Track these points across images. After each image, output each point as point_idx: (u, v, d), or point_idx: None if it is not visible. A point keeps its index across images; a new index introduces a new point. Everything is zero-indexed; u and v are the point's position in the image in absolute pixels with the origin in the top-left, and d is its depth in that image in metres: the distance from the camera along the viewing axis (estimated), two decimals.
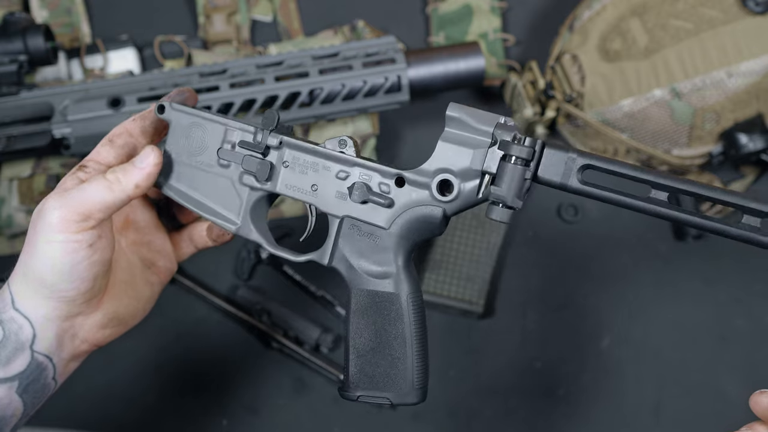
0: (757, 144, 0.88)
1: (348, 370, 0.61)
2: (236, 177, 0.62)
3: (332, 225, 0.61)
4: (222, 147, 0.62)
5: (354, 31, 0.98)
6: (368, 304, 0.60)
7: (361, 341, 0.60)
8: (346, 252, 0.61)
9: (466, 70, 0.90)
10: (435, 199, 0.58)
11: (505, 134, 0.55)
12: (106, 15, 1.00)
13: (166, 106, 0.63)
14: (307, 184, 0.61)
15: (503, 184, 0.54)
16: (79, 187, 0.58)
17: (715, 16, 0.88)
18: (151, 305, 0.68)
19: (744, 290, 0.94)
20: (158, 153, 0.60)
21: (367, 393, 0.60)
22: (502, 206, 0.54)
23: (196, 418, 0.90)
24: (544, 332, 0.92)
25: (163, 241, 0.69)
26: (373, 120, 0.92)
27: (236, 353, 0.92)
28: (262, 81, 0.85)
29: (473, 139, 0.56)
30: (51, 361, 0.60)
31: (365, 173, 0.60)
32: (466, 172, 0.56)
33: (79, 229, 0.57)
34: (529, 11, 1.03)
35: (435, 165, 0.58)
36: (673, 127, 0.90)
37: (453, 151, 0.57)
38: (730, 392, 0.91)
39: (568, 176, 0.54)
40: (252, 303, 0.92)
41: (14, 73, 0.85)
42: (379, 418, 0.90)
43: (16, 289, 0.59)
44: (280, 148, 0.61)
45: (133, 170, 0.59)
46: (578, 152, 0.54)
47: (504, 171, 0.54)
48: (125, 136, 0.63)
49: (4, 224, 0.90)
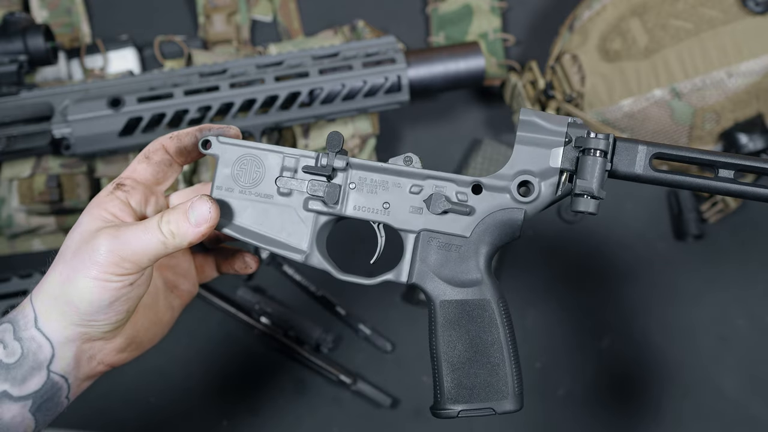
0: (757, 144, 0.88)
1: (442, 387, 0.60)
2: (300, 204, 0.61)
3: (407, 241, 0.60)
4: (281, 175, 0.60)
5: (354, 31, 0.98)
6: (459, 315, 0.60)
7: (455, 354, 0.60)
8: (426, 266, 0.60)
9: (466, 70, 0.90)
10: (516, 201, 0.59)
11: (578, 132, 0.58)
12: (106, 15, 1.00)
13: (213, 140, 0.60)
14: (378, 204, 0.60)
15: (587, 176, 0.56)
16: (133, 233, 0.56)
17: (715, 16, 0.88)
18: (169, 328, 0.67)
19: (744, 290, 0.94)
20: (216, 212, 0.58)
21: (468, 407, 0.59)
22: (588, 197, 0.56)
23: (196, 418, 0.90)
24: (544, 332, 0.92)
25: (189, 264, 0.68)
26: (373, 120, 0.92)
27: (236, 353, 0.92)
28: (262, 81, 0.85)
29: (548, 139, 0.58)
30: (66, 381, 0.59)
31: (440, 184, 0.60)
32: (545, 172, 0.58)
33: (125, 273, 0.56)
34: (529, 11, 1.03)
35: (513, 168, 0.59)
36: (673, 127, 0.90)
37: (530, 153, 0.58)
38: (730, 392, 0.91)
39: (642, 166, 0.57)
40: (252, 303, 0.92)
41: (14, 73, 0.85)
42: (379, 419, 0.90)
43: (41, 307, 0.57)
44: (346, 169, 0.60)
45: (187, 228, 0.57)
46: (647, 143, 0.57)
47: (585, 164, 0.56)
48: (161, 152, 0.61)
49: (4, 224, 0.90)
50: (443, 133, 1.00)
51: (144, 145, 0.84)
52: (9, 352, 0.57)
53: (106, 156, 0.88)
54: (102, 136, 0.83)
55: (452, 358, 0.60)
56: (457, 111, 1.01)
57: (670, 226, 0.96)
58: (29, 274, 0.88)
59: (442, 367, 0.60)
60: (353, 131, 0.91)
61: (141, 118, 0.83)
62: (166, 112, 0.83)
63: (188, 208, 0.58)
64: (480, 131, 0.99)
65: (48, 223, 0.91)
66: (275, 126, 0.86)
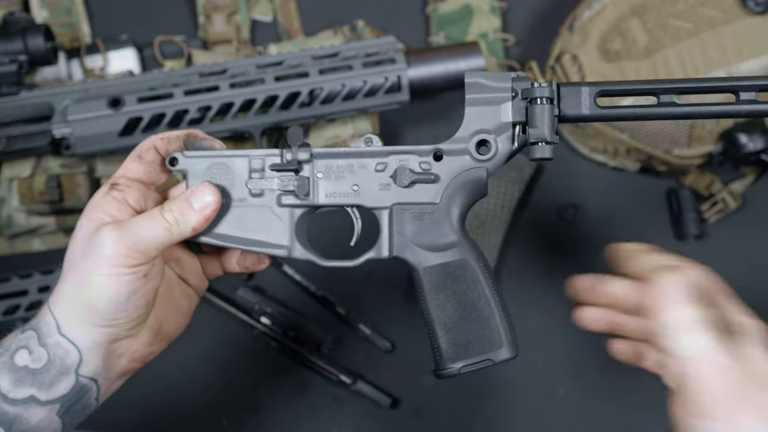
0: (757, 144, 0.88)
1: (440, 349, 0.62)
2: (273, 202, 0.62)
3: (382, 218, 0.62)
4: (250, 178, 0.62)
5: (354, 31, 0.98)
6: (442, 278, 0.62)
7: (446, 315, 0.62)
8: (404, 238, 0.62)
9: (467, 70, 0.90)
10: (476, 161, 0.62)
11: (523, 84, 0.60)
12: (106, 15, 1.00)
13: (179, 157, 0.62)
14: (347, 188, 0.62)
15: (538, 123, 0.58)
16: (136, 223, 0.57)
17: (715, 16, 0.88)
18: (189, 318, 0.67)
19: (744, 290, 0.94)
20: (217, 195, 0.60)
21: (467, 362, 0.61)
22: (543, 143, 0.58)
23: (196, 418, 0.90)
24: (544, 332, 0.92)
25: (193, 262, 0.67)
26: (373, 120, 0.92)
27: (236, 353, 0.92)
28: (262, 81, 0.85)
29: (495, 97, 0.61)
30: (96, 382, 0.59)
31: (402, 158, 0.62)
32: (499, 128, 0.61)
33: (135, 264, 0.56)
34: (529, 11, 1.03)
35: (468, 130, 0.62)
36: (673, 127, 0.90)
37: (480, 113, 0.62)
38: None
39: (588, 106, 0.59)
40: (252, 303, 0.92)
41: (14, 73, 0.85)
42: (379, 418, 0.90)
43: (61, 314, 0.57)
44: (311, 161, 0.62)
45: (191, 214, 0.59)
46: (589, 84, 0.59)
47: (534, 113, 0.59)
48: (153, 152, 0.62)
49: (4, 224, 0.90)
50: (443, 133, 0.99)
51: None
52: (35, 358, 0.57)
53: (106, 156, 0.88)
54: (102, 136, 0.83)
55: (444, 320, 0.62)
56: (457, 111, 1.00)
57: (670, 226, 0.96)
58: (29, 274, 0.88)
59: (436, 330, 0.62)
60: (353, 131, 0.91)
61: (141, 118, 0.83)
62: (166, 112, 0.83)
63: (190, 195, 0.59)
64: None
65: (48, 223, 0.91)
66: (275, 126, 0.86)
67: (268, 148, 0.63)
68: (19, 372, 0.57)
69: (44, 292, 0.88)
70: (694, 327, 0.58)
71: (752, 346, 0.58)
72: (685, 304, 0.59)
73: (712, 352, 0.57)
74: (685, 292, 0.60)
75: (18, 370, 0.57)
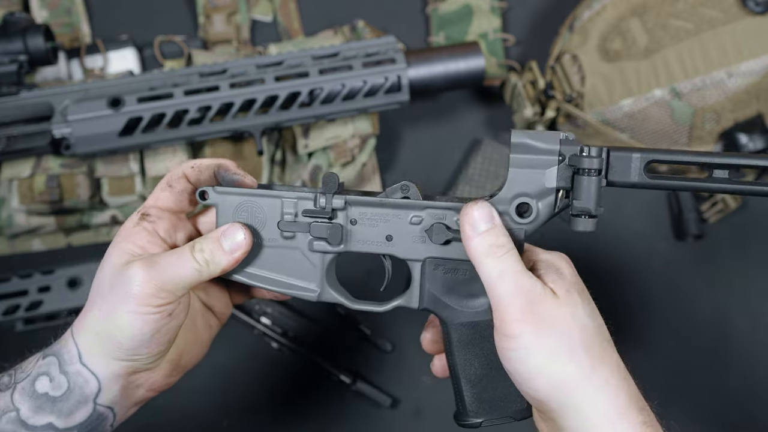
0: (757, 144, 0.88)
1: (463, 401, 0.61)
2: (305, 246, 0.61)
3: (414, 269, 0.61)
4: (282, 219, 0.61)
5: (354, 31, 0.98)
6: (471, 336, 0.61)
7: (472, 371, 0.61)
8: (435, 291, 0.61)
9: (466, 70, 0.90)
10: (516, 223, 0.59)
11: (571, 149, 0.57)
12: (106, 15, 1.00)
13: (209, 192, 0.61)
14: (380, 237, 0.61)
15: (583, 196, 0.57)
16: (166, 261, 0.57)
17: (715, 16, 0.88)
18: (207, 348, 0.67)
19: (744, 290, 0.94)
20: (249, 238, 0.59)
21: (489, 417, 0.61)
22: (585, 217, 0.57)
23: (196, 418, 0.90)
24: None
25: (220, 287, 0.67)
26: (373, 120, 0.92)
27: (236, 353, 0.92)
28: (262, 81, 0.85)
29: (541, 159, 0.58)
30: (112, 411, 0.59)
31: (439, 214, 0.60)
32: (541, 193, 0.59)
33: (163, 303, 0.56)
34: (529, 11, 1.03)
35: (510, 192, 0.59)
36: (673, 127, 0.90)
37: (524, 175, 0.58)
38: (730, 392, 0.91)
39: (637, 174, 0.57)
40: (252, 303, 0.92)
41: (14, 73, 0.85)
42: (379, 418, 0.90)
43: (83, 344, 0.57)
44: (345, 208, 0.61)
45: (221, 255, 0.58)
46: (640, 150, 0.57)
47: (581, 184, 0.57)
48: (183, 181, 0.61)
49: (4, 224, 0.90)
50: (443, 133, 1.00)
51: (144, 145, 0.85)
52: (55, 386, 0.57)
53: (106, 156, 0.88)
54: (102, 136, 0.83)
55: (470, 375, 0.61)
56: (457, 111, 1.01)
57: (670, 226, 0.96)
58: (29, 274, 0.89)
59: (461, 383, 0.61)
60: (353, 131, 0.91)
61: (141, 118, 0.83)
62: (166, 112, 0.83)
63: (221, 235, 0.59)
64: (480, 131, 0.99)
65: (48, 223, 0.91)
66: (275, 126, 0.86)
67: (301, 190, 0.61)
68: (40, 399, 0.57)
69: (44, 292, 0.88)
70: (498, 251, 0.56)
71: (554, 274, 0.57)
72: (488, 232, 0.57)
73: (522, 271, 0.56)
74: (490, 219, 0.57)
75: (38, 397, 0.57)
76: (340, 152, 0.91)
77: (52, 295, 0.88)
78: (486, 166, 0.96)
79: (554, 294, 0.56)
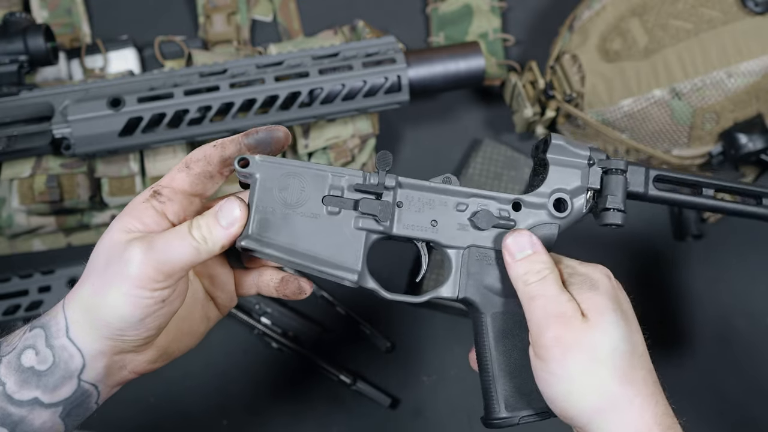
0: (756, 144, 0.88)
1: (497, 396, 0.61)
2: (350, 223, 0.59)
3: (453, 257, 0.62)
4: (328, 194, 0.59)
5: (354, 31, 0.98)
6: (511, 325, 0.62)
7: (511, 362, 0.61)
8: (474, 281, 0.62)
9: (466, 70, 0.90)
10: (552, 217, 0.64)
11: (598, 155, 0.65)
12: (106, 15, 1.00)
13: (251, 160, 0.58)
14: (425, 221, 0.61)
15: (614, 191, 0.64)
16: (165, 240, 0.55)
17: (715, 16, 0.88)
18: (199, 341, 0.66)
19: (744, 290, 0.94)
20: (244, 210, 0.57)
21: (528, 412, 0.61)
22: (615, 210, 0.63)
23: (196, 418, 0.90)
24: None
25: (227, 277, 0.66)
26: (373, 120, 0.92)
27: (237, 353, 0.92)
28: (262, 81, 0.85)
29: (576, 161, 0.64)
30: (96, 388, 0.59)
31: (483, 202, 0.62)
32: (575, 190, 0.64)
33: (157, 288, 0.55)
34: (529, 11, 1.03)
35: (550, 187, 0.64)
36: (672, 127, 0.90)
37: (562, 173, 0.64)
38: (730, 393, 0.91)
39: (647, 186, 0.65)
40: (252, 303, 0.92)
41: (14, 73, 0.85)
42: (379, 418, 0.90)
43: (72, 317, 0.57)
44: (394, 188, 0.60)
45: (219, 231, 0.56)
46: (652, 167, 0.65)
47: (611, 182, 0.64)
48: (203, 163, 0.59)
49: (4, 224, 0.90)
50: (443, 133, 1.00)
51: (144, 145, 0.85)
52: (41, 359, 0.57)
53: (106, 156, 0.88)
54: (102, 136, 0.83)
55: (509, 367, 0.61)
56: (457, 111, 1.01)
57: (670, 226, 0.96)
58: (29, 274, 0.89)
59: (497, 377, 0.61)
60: (353, 131, 0.91)
61: (141, 118, 0.83)
62: (166, 112, 0.83)
63: (217, 210, 0.57)
64: (480, 131, 0.99)
65: (48, 223, 0.91)
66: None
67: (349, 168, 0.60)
68: (25, 373, 0.57)
69: (44, 292, 0.88)
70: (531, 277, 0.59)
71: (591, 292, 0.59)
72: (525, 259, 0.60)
73: (554, 297, 0.58)
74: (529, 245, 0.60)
75: (24, 370, 0.57)
76: (340, 152, 0.91)
77: (52, 295, 0.88)
78: (486, 166, 0.96)
79: (584, 317, 0.57)
